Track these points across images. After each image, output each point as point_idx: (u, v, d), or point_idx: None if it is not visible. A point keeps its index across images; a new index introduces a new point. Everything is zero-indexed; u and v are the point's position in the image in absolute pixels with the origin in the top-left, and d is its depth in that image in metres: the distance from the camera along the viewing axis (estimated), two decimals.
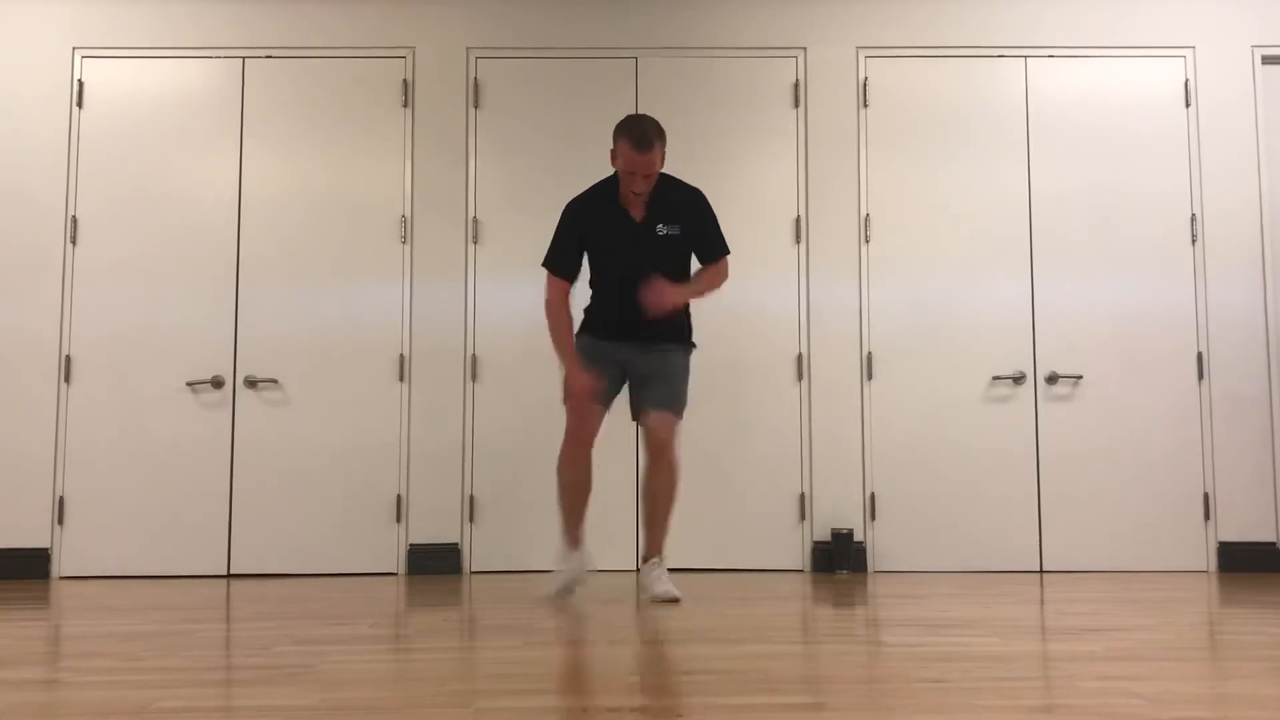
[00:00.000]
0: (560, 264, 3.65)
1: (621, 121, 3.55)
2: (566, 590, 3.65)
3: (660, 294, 3.47)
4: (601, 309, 3.69)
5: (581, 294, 3.73)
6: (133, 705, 1.98)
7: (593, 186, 3.70)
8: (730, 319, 4.68)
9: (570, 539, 3.68)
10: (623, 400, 3.72)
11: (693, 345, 3.74)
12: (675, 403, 3.61)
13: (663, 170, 3.62)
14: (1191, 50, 4.85)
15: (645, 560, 3.69)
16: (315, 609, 3.42)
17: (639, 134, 3.47)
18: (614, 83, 4.84)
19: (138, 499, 4.62)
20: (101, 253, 4.72)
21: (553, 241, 3.68)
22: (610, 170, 3.72)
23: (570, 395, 3.57)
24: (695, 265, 3.76)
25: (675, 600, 3.57)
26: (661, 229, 3.60)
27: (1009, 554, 4.65)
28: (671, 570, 4.53)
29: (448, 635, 2.85)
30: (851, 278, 4.76)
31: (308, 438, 4.67)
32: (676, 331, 3.69)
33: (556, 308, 3.64)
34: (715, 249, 3.70)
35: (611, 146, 3.57)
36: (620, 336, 3.63)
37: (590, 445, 3.62)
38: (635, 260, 3.59)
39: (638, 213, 3.62)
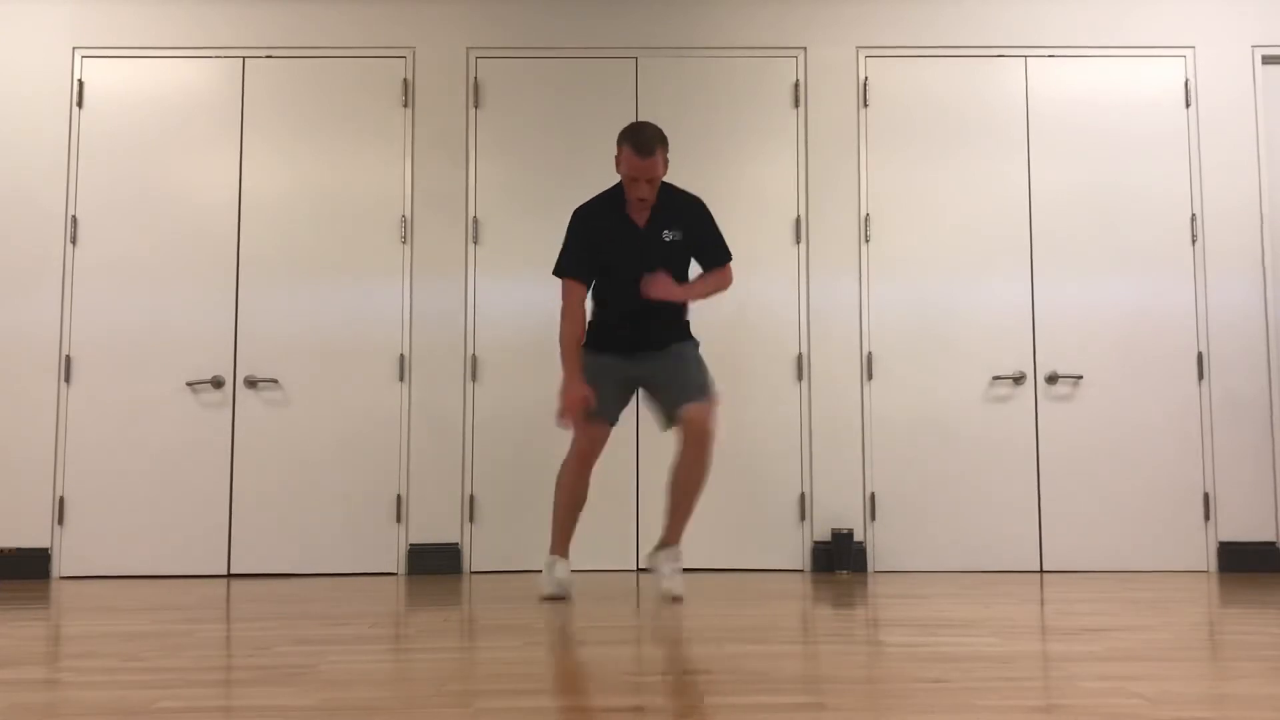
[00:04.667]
0: (573, 269, 3.66)
1: (624, 128, 3.61)
2: (556, 598, 3.68)
3: (664, 286, 3.52)
4: (607, 318, 3.70)
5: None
6: (133, 705, 1.98)
7: (599, 194, 3.74)
8: (730, 319, 4.69)
9: (560, 548, 3.73)
10: (627, 416, 3.73)
11: (696, 341, 3.76)
12: (706, 390, 3.62)
13: (665, 179, 3.67)
14: (1191, 50, 4.85)
15: (663, 545, 3.67)
16: (315, 609, 3.42)
17: (640, 139, 3.53)
18: (614, 83, 4.84)
19: (138, 499, 4.62)
20: (101, 253, 4.72)
21: (563, 249, 3.69)
22: (615, 177, 3.76)
23: (564, 407, 3.58)
24: (696, 271, 3.80)
25: (678, 600, 3.58)
26: (666, 235, 3.65)
27: (1009, 554, 4.65)
28: None
29: (448, 635, 2.85)
30: (851, 278, 4.76)
31: (308, 438, 4.67)
32: (679, 332, 3.72)
33: (571, 314, 3.65)
34: (718, 255, 3.75)
35: (615, 153, 3.62)
36: (627, 349, 3.66)
37: (594, 463, 3.68)
38: (641, 266, 3.63)
39: (642, 219, 3.65)
